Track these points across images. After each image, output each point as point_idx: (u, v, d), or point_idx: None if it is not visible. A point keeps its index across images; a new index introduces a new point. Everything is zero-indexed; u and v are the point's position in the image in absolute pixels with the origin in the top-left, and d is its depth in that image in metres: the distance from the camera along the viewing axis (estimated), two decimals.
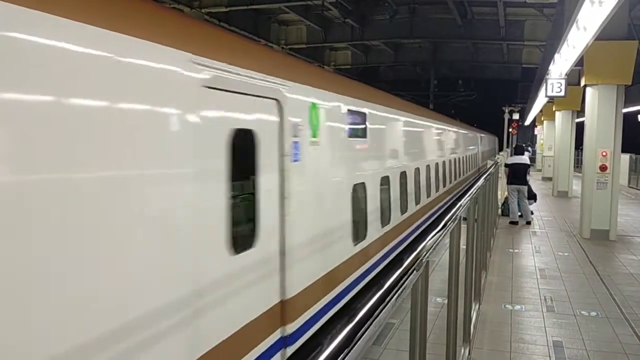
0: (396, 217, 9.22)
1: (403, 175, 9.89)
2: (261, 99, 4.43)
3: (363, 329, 1.76)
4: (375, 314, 1.91)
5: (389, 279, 2.23)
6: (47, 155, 2.47)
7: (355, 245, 6.96)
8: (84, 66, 2.69)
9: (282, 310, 4.78)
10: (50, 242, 2.46)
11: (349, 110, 7.02)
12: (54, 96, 2.51)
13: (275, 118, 4.67)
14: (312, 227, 5.53)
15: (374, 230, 7.86)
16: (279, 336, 4.69)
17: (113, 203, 2.79)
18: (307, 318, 5.27)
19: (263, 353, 4.36)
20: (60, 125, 2.53)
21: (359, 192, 7.24)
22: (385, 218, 8.52)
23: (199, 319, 3.45)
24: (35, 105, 2.44)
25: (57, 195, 2.49)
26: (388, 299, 2.06)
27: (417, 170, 11.39)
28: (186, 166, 3.40)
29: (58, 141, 2.51)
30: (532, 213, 14.61)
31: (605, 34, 9.44)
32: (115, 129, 2.85)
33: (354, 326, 1.73)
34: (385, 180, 8.62)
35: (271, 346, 4.55)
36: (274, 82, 4.65)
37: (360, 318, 1.82)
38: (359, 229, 7.15)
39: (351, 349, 1.61)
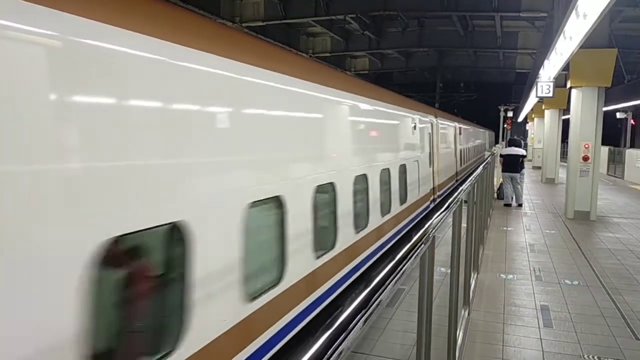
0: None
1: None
2: None
3: (377, 293, 1.75)
4: (388, 281, 1.90)
5: (400, 251, 2.22)
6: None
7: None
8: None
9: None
10: None
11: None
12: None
13: None
14: None
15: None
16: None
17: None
18: None
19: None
20: None
21: None
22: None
23: None
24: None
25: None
26: (399, 268, 2.06)
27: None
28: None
29: None
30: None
31: (588, 43, 9.33)
32: None
33: (369, 291, 1.73)
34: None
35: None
36: None
37: (375, 284, 1.81)
38: None
39: (367, 309, 1.61)
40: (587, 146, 12.17)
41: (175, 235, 2.83)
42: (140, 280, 2.79)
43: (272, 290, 3.90)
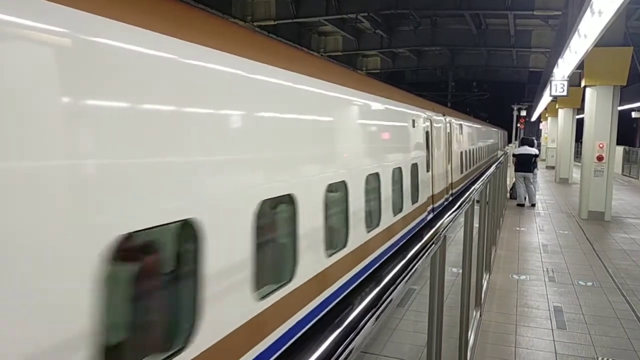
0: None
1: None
2: None
3: (388, 292, 1.74)
4: (399, 280, 1.89)
5: (411, 250, 2.21)
6: None
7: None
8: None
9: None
10: None
11: None
12: None
13: None
14: None
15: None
16: None
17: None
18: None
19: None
20: None
21: None
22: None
23: None
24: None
25: None
26: (410, 267, 2.04)
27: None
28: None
29: None
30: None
31: (603, 41, 9.24)
32: None
33: (380, 290, 1.72)
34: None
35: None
36: None
37: (386, 283, 1.80)
38: None
39: (377, 309, 1.60)
40: (601, 146, 12.06)
41: (289, 206, 4.12)
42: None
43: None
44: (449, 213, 3.24)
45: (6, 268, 1.89)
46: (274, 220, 4.17)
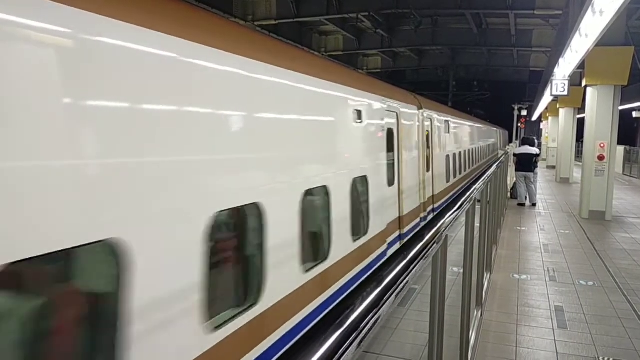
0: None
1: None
2: None
3: (389, 292, 1.74)
4: (400, 280, 1.89)
5: (412, 250, 2.21)
6: None
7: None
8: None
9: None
10: None
11: None
12: None
13: None
14: None
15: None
16: None
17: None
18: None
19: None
20: None
21: None
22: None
23: None
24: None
25: None
26: (411, 267, 2.04)
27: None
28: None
29: None
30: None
31: (604, 41, 9.23)
32: None
33: (381, 290, 1.72)
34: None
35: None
36: None
37: (387, 283, 1.80)
38: None
39: (379, 309, 1.60)
40: (602, 145, 12.05)
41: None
42: None
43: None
44: (450, 212, 3.24)
45: None
46: None
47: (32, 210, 1.99)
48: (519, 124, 46.71)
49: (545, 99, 23.11)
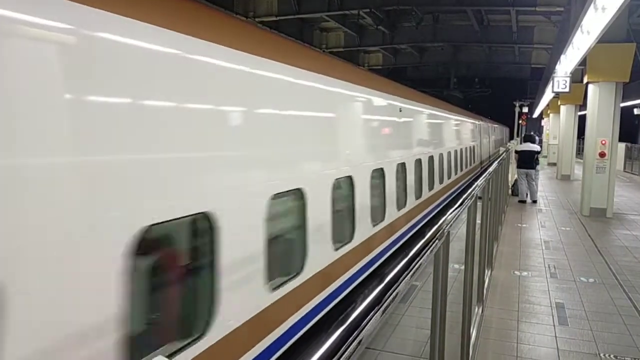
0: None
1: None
2: None
3: (391, 289, 1.74)
4: (402, 277, 1.89)
5: (414, 247, 2.21)
6: None
7: None
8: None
9: None
10: None
11: None
12: None
13: None
14: None
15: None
16: None
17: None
18: None
19: None
20: None
21: None
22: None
23: None
24: None
25: None
26: (413, 264, 2.04)
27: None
28: None
29: None
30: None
31: (606, 37, 9.20)
32: None
33: (383, 287, 1.72)
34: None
35: None
36: None
37: (389, 280, 1.80)
38: None
39: (381, 306, 1.60)
40: (603, 142, 12.04)
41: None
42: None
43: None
44: (452, 209, 3.24)
45: None
46: None
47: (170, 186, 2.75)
48: (520, 121, 46.60)
49: (547, 96, 23.06)
